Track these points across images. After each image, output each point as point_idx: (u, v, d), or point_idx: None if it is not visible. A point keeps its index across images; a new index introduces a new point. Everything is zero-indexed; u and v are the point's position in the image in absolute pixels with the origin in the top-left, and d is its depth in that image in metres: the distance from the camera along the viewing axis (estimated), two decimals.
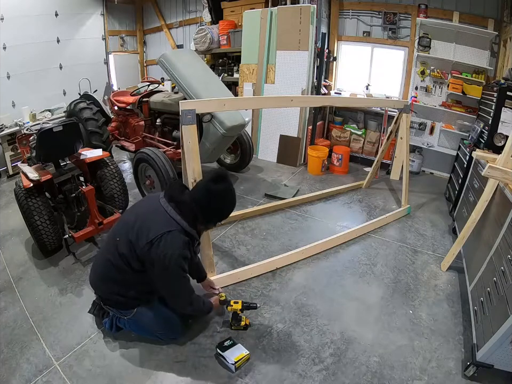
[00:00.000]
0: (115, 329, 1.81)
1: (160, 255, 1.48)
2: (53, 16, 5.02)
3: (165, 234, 1.50)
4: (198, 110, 2.03)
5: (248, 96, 4.32)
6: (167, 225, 1.52)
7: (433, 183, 4.14)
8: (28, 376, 1.60)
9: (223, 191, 1.60)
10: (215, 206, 1.59)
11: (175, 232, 1.52)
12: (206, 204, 1.57)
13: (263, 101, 2.93)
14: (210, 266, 2.17)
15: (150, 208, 1.64)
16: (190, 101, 2.33)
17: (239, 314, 1.86)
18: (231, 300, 1.89)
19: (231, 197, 1.65)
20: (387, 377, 1.64)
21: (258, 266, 2.35)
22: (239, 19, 4.70)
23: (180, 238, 1.53)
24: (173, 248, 1.50)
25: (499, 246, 1.79)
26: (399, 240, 2.85)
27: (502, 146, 2.41)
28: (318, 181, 4.04)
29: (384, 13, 4.22)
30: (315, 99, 3.53)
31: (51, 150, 2.50)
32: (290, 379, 1.62)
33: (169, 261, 1.49)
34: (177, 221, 1.55)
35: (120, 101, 4.13)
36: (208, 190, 1.58)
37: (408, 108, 3.18)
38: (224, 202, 1.63)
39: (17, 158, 4.09)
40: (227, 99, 2.35)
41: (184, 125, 1.97)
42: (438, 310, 2.09)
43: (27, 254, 2.57)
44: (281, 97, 3.27)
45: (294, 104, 3.23)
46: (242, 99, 3.16)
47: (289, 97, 2.71)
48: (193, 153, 1.99)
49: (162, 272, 1.54)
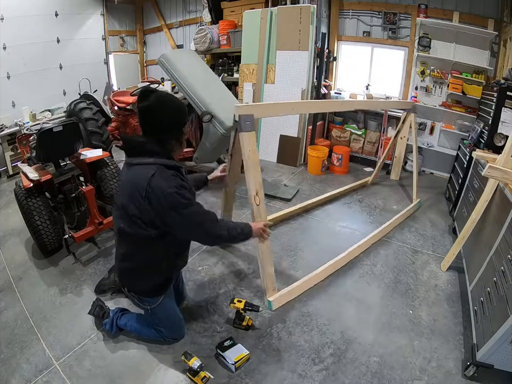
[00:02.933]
0: (115, 330, 1.81)
1: (161, 200, 1.41)
2: (53, 16, 5.02)
3: (151, 181, 1.41)
4: (256, 115, 1.91)
5: (316, 100, 4.20)
6: (147, 173, 1.43)
7: (433, 183, 4.14)
8: (28, 376, 1.60)
9: (159, 97, 1.49)
10: (166, 110, 1.49)
11: (157, 172, 1.43)
12: (155, 119, 1.47)
13: (329, 104, 3.00)
14: (272, 285, 2.03)
15: (126, 177, 1.55)
16: (247, 105, 2.01)
17: (242, 313, 1.86)
18: (235, 298, 1.90)
19: (167, 96, 1.57)
20: (387, 377, 1.64)
21: (310, 279, 2.22)
22: (239, 19, 4.70)
23: (165, 173, 1.45)
24: (165, 186, 1.42)
25: (499, 246, 1.78)
26: (399, 240, 2.85)
27: (502, 146, 2.41)
28: (318, 181, 4.04)
29: (384, 13, 4.22)
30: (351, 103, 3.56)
31: (51, 150, 2.49)
32: (290, 379, 1.62)
33: (170, 198, 1.41)
34: (150, 163, 1.46)
35: (120, 101, 4.12)
36: (148, 108, 1.46)
37: (415, 108, 3.43)
38: (166, 103, 1.51)
39: (17, 158, 4.09)
40: (294, 103, 2.32)
41: (243, 132, 1.84)
42: (438, 310, 2.09)
43: (27, 254, 2.57)
44: (335, 101, 3.51)
45: (344, 107, 3.19)
46: (308, 103, 3.00)
47: (339, 102, 2.84)
48: (254, 163, 1.88)
49: (172, 213, 1.44)
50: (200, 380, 1.56)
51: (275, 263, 2.48)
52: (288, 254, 2.60)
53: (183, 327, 1.82)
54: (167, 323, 1.74)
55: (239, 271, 2.40)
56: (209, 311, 2.02)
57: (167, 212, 1.43)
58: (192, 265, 2.42)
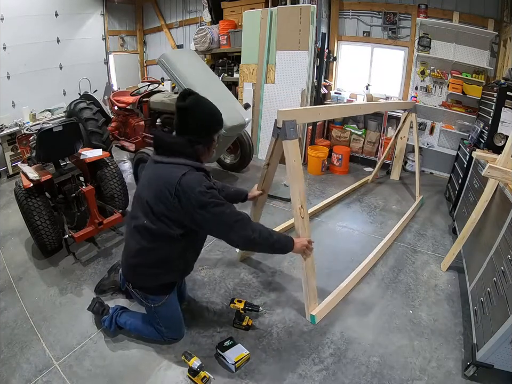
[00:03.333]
0: (114, 328, 1.81)
1: (191, 199, 1.41)
2: (53, 16, 5.02)
3: (181, 179, 1.42)
4: (299, 120, 1.82)
5: (343, 104, 4.14)
6: (177, 171, 1.45)
7: (433, 183, 4.14)
8: (27, 376, 1.60)
9: (196, 100, 1.52)
10: (202, 116, 1.51)
11: (188, 173, 1.45)
12: (191, 122, 1.50)
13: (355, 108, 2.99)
14: (314, 298, 1.99)
15: (153, 174, 1.55)
16: (289, 110, 1.83)
17: (242, 313, 1.87)
18: (235, 298, 1.90)
19: (205, 100, 1.56)
20: (387, 377, 1.64)
21: (342, 289, 2.17)
22: (239, 19, 4.70)
23: (195, 174, 1.47)
24: (196, 185, 1.43)
25: (499, 246, 1.78)
26: (399, 240, 2.85)
27: (502, 146, 2.41)
28: (318, 181, 4.04)
29: (384, 13, 4.22)
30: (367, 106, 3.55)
31: (51, 150, 2.50)
32: (290, 379, 1.62)
33: (200, 196, 1.42)
34: (181, 163, 1.48)
35: (120, 101, 4.13)
36: (185, 109, 1.49)
37: (416, 108, 3.47)
38: (204, 107, 1.54)
39: (17, 158, 4.09)
40: (322, 107, 2.26)
41: (287, 139, 1.72)
42: (438, 310, 2.09)
43: (27, 254, 2.57)
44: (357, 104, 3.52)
45: (362, 111, 3.28)
46: (338, 107, 2.89)
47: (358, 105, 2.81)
48: (299, 173, 1.80)
49: (202, 212, 1.44)
50: (200, 380, 1.56)
51: (275, 263, 2.49)
52: (288, 254, 2.60)
53: (183, 327, 1.82)
54: (168, 323, 1.74)
55: (239, 271, 2.40)
56: (209, 311, 2.02)
57: (197, 210, 1.44)
58: None
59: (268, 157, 2.03)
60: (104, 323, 1.83)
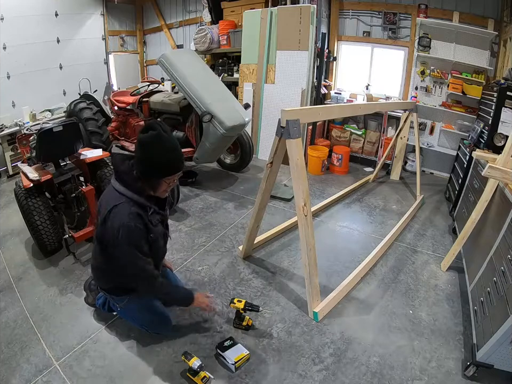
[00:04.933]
0: (107, 309, 1.85)
1: (110, 232, 1.44)
2: (53, 16, 5.01)
3: (113, 209, 1.44)
4: (302, 120, 1.82)
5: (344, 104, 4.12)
6: (114, 200, 1.47)
7: (433, 183, 4.14)
8: (27, 376, 1.60)
9: (151, 138, 1.43)
10: (147, 156, 1.45)
11: (121, 204, 1.45)
12: (138, 157, 1.48)
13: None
14: (316, 296, 1.99)
15: (105, 193, 1.60)
16: (293, 109, 1.83)
17: (242, 313, 1.86)
18: (235, 298, 1.90)
19: (162, 142, 1.44)
20: (387, 377, 1.64)
21: (344, 287, 2.18)
22: (239, 19, 4.70)
23: (126, 209, 1.45)
24: (120, 221, 1.43)
25: (499, 246, 1.78)
26: (399, 240, 2.85)
27: (502, 146, 2.41)
28: (318, 181, 4.04)
29: (384, 13, 4.22)
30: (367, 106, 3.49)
31: (51, 150, 2.49)
32: (290, 379, 1.62)
33: (117, 234, 1.42)
34: (122, 192, 1.48)
35: (120, 101, 4.13)
36: (138, 142, 1.47)
37: (417, 108, 3.54)
38: (153, 149, 1.44)
39: (17, 158, 4.09)
40: (323, 107, 2.23)
41: (291, 138, 1.74)
42: (438, 310, 2.09)
43: (27, 254, 2.57)
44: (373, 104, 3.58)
45: (362, 111, 3.22)
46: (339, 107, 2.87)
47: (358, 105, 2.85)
48: (302, 172, 1.80)
49: (115, 251, 1.48)
50: (200, 380, 1.56)
51: (275, 262, 2.49)
52: (288, 254, 2.61)
53: (163, 323, 1.79)
54: (141, 321, 1.77)
55: (239, 271, 2.40)
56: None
57: (111, 246, 1.48)
58: (192, 265, 2.43)
59: (271, 156, 2.04)
60: (98, 301, 1.88)
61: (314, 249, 1.96)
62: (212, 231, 2.88)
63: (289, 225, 2.94)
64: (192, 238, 2.76)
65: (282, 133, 1.83)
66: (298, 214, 1.89)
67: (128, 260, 1.49)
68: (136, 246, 1.48)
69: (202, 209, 3.25)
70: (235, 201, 3.44)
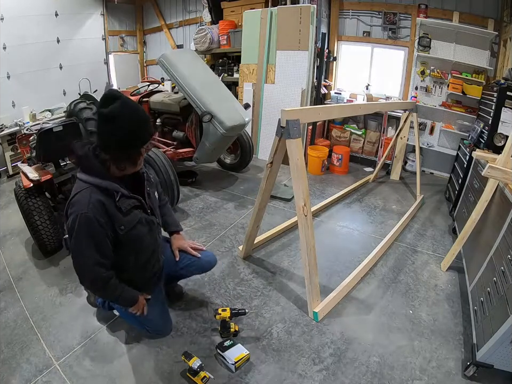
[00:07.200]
0: (108, 308, 1.83)
1: (69, 224, 1.34)
2: (53, 16, 5.02)
3: (72, 199, 1.34)
4: (302, 120, 1.81)
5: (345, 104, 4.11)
6: (75, 189, 1.37)
7: (433, 183, 4.14)
8: (27, 376, 1.60)
9: (121, 108, 1.31)
10: (108, 131, 1.31)
11: (82, 191, 1.34)
12: (99, 133, 1.35)
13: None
14: (317, 295, 1.99)
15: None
16: (293, 109, 1.81)
17: (228, 321, 1.81)
18: (219, 308, 1.83)
19: (126, 113, 1.32)
20: (387, 377, 1.64)
21: (344, 287, 2.17)
22: (239, 19, 4.70)
23: (86, 197, 1.32)
24: (78, 211, 1.31)
25: (499, 246, 1.78)
26: (399, 240, 2.85)
27: (502, 146, 2.41)
28: (318, 181, 4.04)
29: (384, 13, 4.22)
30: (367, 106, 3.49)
31: (51, 150, 2.50)
32: (290, 379, 1.62)
33: (73, 224, 1.32)
34: (84, 180, 1.36)
35: None
36: (106, 116, 1.31)
37: (417, 108, 3.57)
38: (125, 118, 1.31)
39: (17, 158, 4.09)
40: (323, 107, 2.21)
41: (291, 138, 1.74)
42: (438, 310, 2.09)
43: (27, 254, 2.57)
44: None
45: (362, 111, 3.22)
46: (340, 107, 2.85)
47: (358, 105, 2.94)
48: (302, 172, 1.80)
49: (72, 245, 1.38)
50: (200, 380, 1.56)
51: (275, 262, 2.49)
52: (288, 254, 2.61)
53: (163, 323, 1.78)
54: (143, 320, 1.73)
55: (239, 271, 2.40)
56: (209, 311, 2.02)
57: (69, 236, 1.38)
58: None
59: (271, 156, 2.03)
60: (98, 299, 1.86)
61: (314, 249, 1.96)
62: (211, 231, 2.88)
63: (289, 225, 2.94)
64: (192, 238, 2.76)
65: (282, 133, 1.83)
66: (298, 214, 1.89)
67: (82, 249, 1.38)
68: (93, 236, 1.35)
69: (202, 209, 3.25)
70: (235, 201, 3.44)
